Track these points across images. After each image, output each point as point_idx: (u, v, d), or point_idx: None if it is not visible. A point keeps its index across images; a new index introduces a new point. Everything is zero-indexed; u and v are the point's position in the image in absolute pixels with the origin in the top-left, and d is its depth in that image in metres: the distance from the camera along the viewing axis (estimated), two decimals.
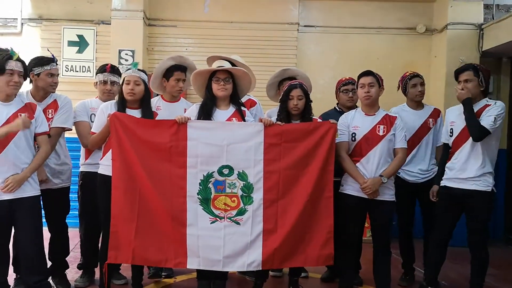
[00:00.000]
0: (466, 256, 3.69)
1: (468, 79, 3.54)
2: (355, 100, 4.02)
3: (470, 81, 3.53)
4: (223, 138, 3.29)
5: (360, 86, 3.55)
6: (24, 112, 3.15)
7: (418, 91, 4.03)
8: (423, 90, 4.06)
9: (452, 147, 3.67)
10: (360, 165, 3.46)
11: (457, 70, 3.67)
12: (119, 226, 3.22)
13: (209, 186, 3.29)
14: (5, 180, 3.03)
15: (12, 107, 3.16)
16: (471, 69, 3.56)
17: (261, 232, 3.31)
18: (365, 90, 3.51)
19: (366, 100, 3.53)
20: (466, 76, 3.55)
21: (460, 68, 3.66)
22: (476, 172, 3.48)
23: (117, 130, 3.23)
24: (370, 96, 3.50)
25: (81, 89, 5.83)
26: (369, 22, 6.46)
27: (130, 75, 3.41)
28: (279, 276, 4.24)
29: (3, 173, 3.05)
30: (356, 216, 3.56)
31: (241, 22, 6.33)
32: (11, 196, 3.06)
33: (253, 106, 4.11)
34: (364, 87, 3.51)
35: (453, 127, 3.66)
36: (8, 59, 3.06)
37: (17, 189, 3.06)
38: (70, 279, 3.87)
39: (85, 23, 6.30)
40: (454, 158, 3.61)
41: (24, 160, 3.13)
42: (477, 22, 6.02)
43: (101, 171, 3.43)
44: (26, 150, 3.15)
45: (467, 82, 3.54)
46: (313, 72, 4.45)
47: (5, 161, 3.05)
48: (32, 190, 3.18)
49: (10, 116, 3.11)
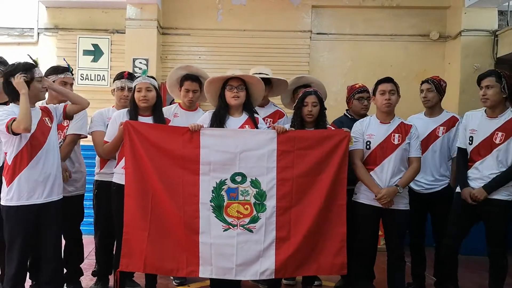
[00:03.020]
0: (485, 266, 3.62)
1: (489, 85, 3.46)
2: (369, 107, 4.00)
3: (491, 87, 3.45)
4: (236, 146, 3.29)
5: (380, 93, 3.48)
6: (46, 117, 3.24)
7: (423, 97, 3.95)
8: (429, 96, 3.91)
9: (471, 156, 3.57)
10: (374, 174, 3.43)
11: (480, 76, 3.59)
12: (131, 234, 3.23)
13: (222, 194, 3.29)
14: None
15: (37, 113, 3.20)
16: (493, 75, 3.48)
17: (274, 240, 3.29)
18: (385, 97, 3.45)
19: (386, 107, 3.47)
20: (487, 82, 3.47)
21: (482, 74, 3.58)
22: None
23: (131, 137, 3.25)
24: (391, 103, 3.47)
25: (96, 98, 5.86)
26: (382, 29, 6.45)
27: (141, 82, 3.43)
28: (293, 284, 4.20)
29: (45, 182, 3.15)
30: (369, 225, 3.53)
31: (254, 30, 6.36)
32: (42, 200, 3.13)
33: (282, 117, 4.08)
34: (384, 94, 3.46)
35: (474, 135, 3.55)
36: (35, 68, 3.14)
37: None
38: (85, 286, 3.88)
39: (100, 32, 6.40)
40: (475, 168, 3.52)
41: (56, 162, 3.24)
42: (492, 28, 5.98)
43: (115, 180, 3.45)
44: (55, 152, 3.25)
45: (489, 88, 3.46)
46: (326, 80, 4.45)
47: (38, 168, 3.12)
48: (59, 194, 3.26)
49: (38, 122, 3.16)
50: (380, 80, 3.53)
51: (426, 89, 3.95)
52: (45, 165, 3.15)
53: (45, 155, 3.15)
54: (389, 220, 3.49)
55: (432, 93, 3.93)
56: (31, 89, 3.08)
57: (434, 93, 3.93)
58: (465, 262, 3.70)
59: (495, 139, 3.46)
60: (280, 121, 4.00)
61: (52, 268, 3.26)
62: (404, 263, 3.56)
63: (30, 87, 3.08)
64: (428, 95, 3.93)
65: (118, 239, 3.37)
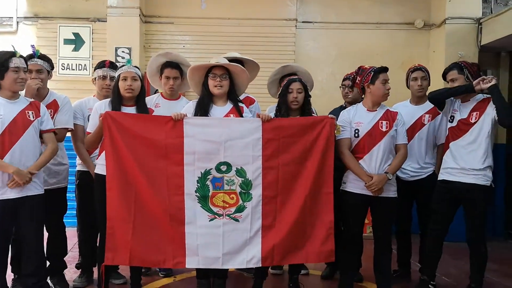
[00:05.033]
0: (467, 251, 3.66)
1: (453, 78, 3.60)
2: (352, 96, 3.97)
3: (455, 80, 3.59)
4: (220, 135, 3.24)
5: (382, 82, 3.42)
6: (30, 110, 3.15)
7: (418, 85, 3.92)
8: (424, 84, 3.92)
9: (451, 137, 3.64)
10: (363, 162, 3.40)
11: (444, 71, 3.72)
12: (115, 228, 3.16)
13: (207, 184, 3.24)
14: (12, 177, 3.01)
15: (19, 105, 3.13)
16: (454, 68, 3.63)
17: (260, 228, 3.28)
18: (387, 87, 3.44)
19: (387, 96, 3.47)
20: (451, 76, 3.63)
21: (446, 69, 3.70)
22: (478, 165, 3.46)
23: (110, 129, 3.15)
24: (389, 93, 3.47)
25: (78, 88, 5.86)
26: (367, 17, 6.43)
27: (127, 71, 3.35)
28: (280, 273, 4.21)
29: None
30: (358, 214, 3.52)
31: (238, 19, 6.28)
32: (15, 194, 3.04)
33: (252, 103, 4.08)
34: (385, 83, 3.44)
35: (455, 114, 3.63)
36: (12, 57, 3.04)
37: (23, 185, 3.03)
38: (69, 279, 3.84)
39: (81, 21, 6.27)
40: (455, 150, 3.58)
41: (32, 159, 3.12)
42: (476, 16, 5.99)
43: (97, 171, 3.37)
44: (33, 149, 3.14)
45: (453, 81, 3.60)
46: (311, 69, 4.40)
47: (11, 162, 3.02)
48: (37, 188, 3.17)
49: (18, 114, 3.08)
50: (381, 69, 3.47)
51: (420, 77, 3.94)
52: (21, 159, 3.06)
53: (20, 149, 3.06)
54: (378, 208, 3.47)
55: (426, 81, 3.97)
56: (5, 79, 3.02)
57: (427, 81, 3.97)
58: (448, 248, 3.73)
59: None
60: (252, 107, 3.99)
61: (34, 262, 3.20)
62: (391, 251, 3.58)
63: (4, 76, 3.01)
64: (424, 83, 3.95)
65: (101, 231, 3.30)
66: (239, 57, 3.89)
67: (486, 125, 3.48)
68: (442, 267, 3.79)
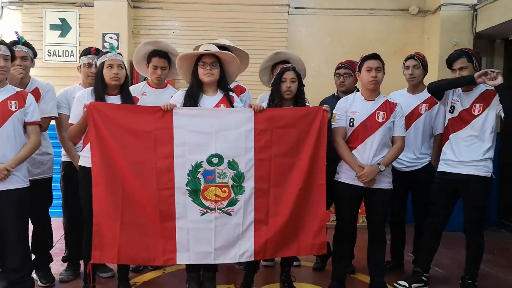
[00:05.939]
0: (461, 241, 3.63)
1: (463, 66, 3.46)
2: (347, 85, 3.88)
3: (465, 68, 3.46)
4: (211, 125, 3.14)
5: (366, 69, 3.32)
6: (15, 100, 3.02)
7: (409, 74, 3.85)
8: (416, 73, 3.83)
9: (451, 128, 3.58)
10: (356, 152, 3.33)
11: (449, 58, 3.56)
12: (102, 225, 3.04)
13: (198, 177, 3.14)
14: None
15: (3, 94, 3.02)
16: (464, 56, 3.48)
17: (253, 222, 3.21)
18: (372, 74, 3.30)
19: (372, 85, 3.33)
20: (460, 64, 3.47)
21: (452, 57, 3.54)
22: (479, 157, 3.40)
23: (95, 122, 3.01)
24: (377, 81, 3.33)
25: (64, 74, 5.73)
26: (361, 3, 6.31)
27: (112, 59, 3.21)
28: (271, 265, 4.15)
29: None
30: (351, 205, 3.45)
31: (229, 4, 6.13)
32: None
33: (243, 92, 3.99)
34: (371, 70, 3.31)
35: (455, 104, 3.55)
36: None
37: (1, 180, 2.92)
38: (55, 272, 3.75)
39: (67, 5, 6.08)
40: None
41: (14, 150, 3.00)
42: (471, 2, 5.90)
43: (82, 163, 3.25)
44: (14, 141, 3.01)
45: (462, 70, 3.46)
46: (304, 56, 4.30)
47: None
48: (19, 182, 3.05)
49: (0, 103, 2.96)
50: (367, 56, 3.37)
51: (412, 65, 3.85)
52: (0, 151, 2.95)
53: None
54: (371, 199, 3.40)
55: (418, 70, 3.86)
56: None
57: (420, 70, 3.87)
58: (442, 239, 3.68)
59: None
60: (243, 96, 3.90)
61: (18, 256, 3.10)
62: (385, 242, 3.52)
63: None
64: (415, 72, 3.85)
65: (87, 226, 3.17)
66: (227, 45, 3.76)
67: (490, 120, 3.41)
68: (435, 257, 3.75)
